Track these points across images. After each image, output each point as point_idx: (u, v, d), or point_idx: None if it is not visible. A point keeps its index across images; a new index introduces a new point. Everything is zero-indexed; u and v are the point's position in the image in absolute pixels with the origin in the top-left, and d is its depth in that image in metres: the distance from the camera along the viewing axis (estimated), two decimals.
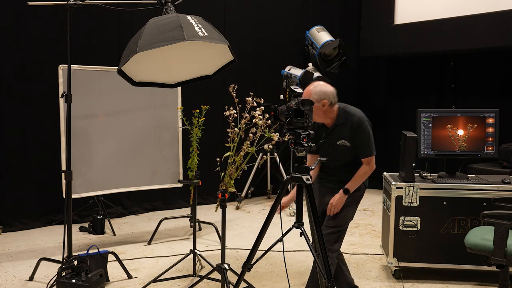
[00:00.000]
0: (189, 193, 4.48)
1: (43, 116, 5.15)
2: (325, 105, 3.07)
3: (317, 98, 3.04)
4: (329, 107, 3.10)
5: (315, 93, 3.07)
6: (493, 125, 3.81)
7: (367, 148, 3.09)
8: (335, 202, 3.10)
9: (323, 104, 3.07)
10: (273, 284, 3.71)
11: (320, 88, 3.08)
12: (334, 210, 3.11)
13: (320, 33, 6.59)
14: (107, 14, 5.25)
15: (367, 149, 3.09)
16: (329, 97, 3.08)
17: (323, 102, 3.06)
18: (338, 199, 3.10)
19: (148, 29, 2.85)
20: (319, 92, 3.07)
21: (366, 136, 3.08)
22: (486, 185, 3.64)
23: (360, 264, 4.14)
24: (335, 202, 3.10)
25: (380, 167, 7.56)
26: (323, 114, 3.11)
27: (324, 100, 3.06)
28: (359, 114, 3.12)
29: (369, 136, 3.09)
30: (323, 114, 3.11)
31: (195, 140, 4.21)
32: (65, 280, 3.32)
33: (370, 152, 3.10)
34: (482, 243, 2.99)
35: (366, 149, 3.09)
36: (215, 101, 5.65)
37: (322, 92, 3.07)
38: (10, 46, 5.03)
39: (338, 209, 3.10)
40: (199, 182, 4.08)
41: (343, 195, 3.10)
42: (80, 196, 4.46)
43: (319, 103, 3.04)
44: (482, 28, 5.89)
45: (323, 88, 3.09)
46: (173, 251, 4.48)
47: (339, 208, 3.10)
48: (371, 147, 3.10)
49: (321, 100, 3.06)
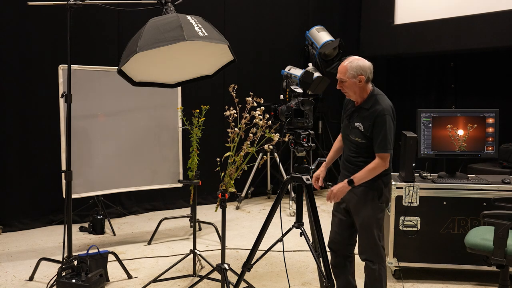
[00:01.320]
0: (189, 193, 4.48)
1: (43, 116, 5.15)
2: (362, 81, 2.89)
3: (353, 73, 2.87)
4: (365, 84, 2.91)
5: (352, 68, 2.88)
6: (493, 125, 3.81)
7: (382, 143, 2.83)
8: (335, 190, 2.91)
9: (359, 80, 2.88)
10: (273, 284, 3.71)
11: (357, 63, 2.89)
12: (333, 198, 2.93)
13: (320, 33, 6.59)
14: (107, 14, 5.24)
15: (382, 143, 2.83)
16: (366, 72, 2.90)
17: (360, 78, 2.88)
18: (339, 188, 2.89)
19: (148, 29, 2.85)
20: (356, 67, 2.88)
21: (384, 130, 2.83)
22: (486, 185, 3.64)
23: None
24: (336, 190, 2.91)
25: None
26: (359, 90, 2.92)
27: (360, 76, 2.88)
28: (386, 106, 2.89)
29: (386, 130, 2.83)
30: (359, 91, 2.92)
31: (195, 140, 4.21)
32: (65, 280, 3.32)
33: (384, 147, 2.83)
34: (482, 243, 2.99)
35: (381, 143, 2.83)
36: (215, 101, 5.66)
37: (359, 67, 2.88)
38: (10, 46, 5.03)
39: (338, 198, 2.92)
40: (199, 182, 4.08)
41: (346, 185, 2.87)
42: (80, 196, 4.46)
43: (356, 79, 2.88)
44: (482, 28, 5.89)
45: (360, 62, 2.91)
46: (173, 251, 4.48)
47: (338, 197, 2.91)
48: (388, 143, 2.84)
49: (358, 76, 2.88)
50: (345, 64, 2.91)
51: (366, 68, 2.89)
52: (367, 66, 2.90)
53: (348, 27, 7.44)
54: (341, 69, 2.92)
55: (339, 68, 2.94)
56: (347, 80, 2.89)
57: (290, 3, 7.04)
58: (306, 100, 2.72)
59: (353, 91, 2.91)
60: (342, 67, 2.91)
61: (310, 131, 2.74)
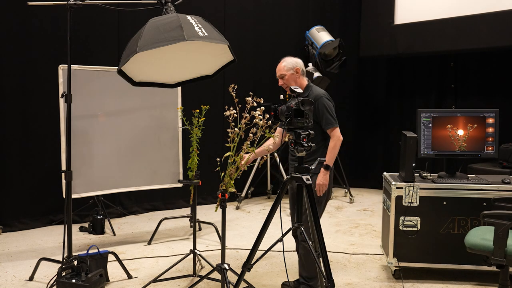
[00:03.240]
0: (189, 193, 4.48)
1: (43, 116, 5.15)
2: (298, 72, 3.40)
3: (290, 67, 3.38)
4: (301, 75, 3.42)
5: (288, 63, 3.39)
6: (493, 125, 3.80)
7: (328, 120, 3.29)
8: (322, 181, 3.26)
9: (296, 71, 3.39)
10: (273, 284, 3.71)
11: (291, 59, 3.41)
12: (322, 188, 3.28)
13: (320, 33, 6.59)
14: (107, 14, 5.24)
15: (328, 120, 3.29)
16: (300, 65, 3.41)
17: (296, 69, 3.39)
18: (323, 177, 3.27)
19: (148, 29, 2.85)
20: (291, 62, 3.39)
21: (325, 109, 3.29)
22: (486, 185, 3.64)
23: (360, 264, 4.14)
24: (321, 181, 3.26)
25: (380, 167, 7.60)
26: (298, 81, 3.39)
27: (297, 68, 3.39)
28: (320, 91, 3.39)
29: (327, 109, 3.30)
30: (299, 82, 3.39)
31: (195, 140, 4.21)
32: (65, 280, 3.32)
33: (331, 123, 3.30)
34: (482, 243, 2.99)
35: (327, 121, 3.29)
36: (215, 101, 5.67)
37: (294, 62, 3.40)
38: (10, 46, 5.03)
39: (326, 187, 3.29)
40: (199, 182, 4.08)
41: (325, 172, 3.27)
42: (80, 196, 4.46)
43: (293, 71, 3.38)
44: (482, 28, 5.89)
45: (293, 58, 3.42)
46: (173, 251, 4.48)
47: (326, 185, 3.29)
48: (332, 118, 3.31)
49: (295, 68, 3.39)
50: (282, 64, 3.42)
51: (299, 62, 3.43)
52: (300, 61, 3.44)
53: (348, 27, 7.44)
54: (280, 68, 3.42)
55: (277, 68, 3.44)
56: (286, 73, 3.40)
57: (290, 3, 7.04)
58: (306, 100, 2.71)
59: (293, 81, 3.39)
60: (280, 67, 3.42)
61: (310, 131, 2.74)
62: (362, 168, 7.57)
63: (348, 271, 3.97)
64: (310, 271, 3.34)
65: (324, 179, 3.27)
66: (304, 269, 3.37)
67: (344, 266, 4.10)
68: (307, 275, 3.36)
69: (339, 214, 5.94)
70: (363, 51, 7.25)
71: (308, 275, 3.36)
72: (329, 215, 5.85)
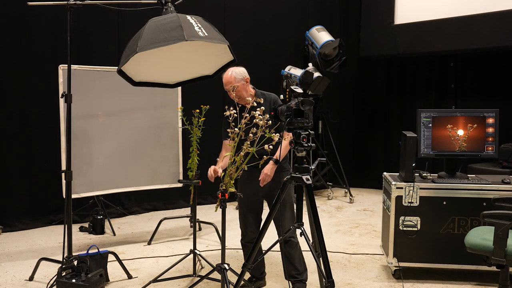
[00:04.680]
0: (189, 193, 4.48)
1: (43, 116, 5.15)
2: (247, 81, 3.35)
3: (240, 78, 3.30)
4: (249, 84, 3.37)
5: (237, 74, 3.29)
6: (493, 125, 3.80)
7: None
8: (269, 172, 3.21)
9: (246, 81, 3.34)
10: (273, 284, 3.71)
11: (238, 70, 3.31)
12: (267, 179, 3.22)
13: (320, 33, 6.59)
14: (107, 14, 5.24)
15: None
16: (246, 74, 3.36)
17: (246, 79, 3.34)
18: (270, 168, 3.22)
19: (148, 29, 2.85)
20: (239, 72, 3.31)
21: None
22: (486, 185, 3.64)
23: (360, 264, 4.14)
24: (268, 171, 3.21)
25: (380, 167, 7.58)
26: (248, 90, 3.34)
27: (246, 77, 3.34)
28: (270, 93, 3.43)
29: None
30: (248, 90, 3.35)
31: (195, 140, 4.22)
32: (65, 280, 3.32)
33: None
34: (482, 243, 2.99)
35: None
36: (215, 101, 5.65)
37: (241, 72, 3.32)
38: (10, 46, 5.03)
39: (270, 178, 3.22)
40: (199, 182, 4.08)
41: (273, 165, 3.22)
42: (80, 196, 4.46)
43: (244, 81, 3.32)
44: (482, 28, 5.89)
45: (240, 68, 3.34)
46: (173, 251, 4.48)
47: (271, 176, 3.22)
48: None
49: (244, 77, 3.33)
50: (229, 74, 3.30)
51: (245, 71, 3.36)
52: (245, 69, 3.38)
53: (348, 27, 7.44)
54: (230, 80, 3.28)
55: (226, 81, 3.30)
56: (238, 85, 3.28)
57: (290, 3, 7.05)
58: (306, 100, 2.71)
59: (245, 91, 3.32)
60: (229, 78, 3.29)
61: (310, 131, 2.73)
62: (362, 168, 7.57)
63: (348, 271, 3.97)
64: (299, 265, 3.38)
65: (272, 171, 3.22)
66: (294, 266, 3.38)
67: (344, 266, 4.10)
68: (296, 272, 3.38)
69: (339, 214, 5.94)
70: (363, 51, 7.25)
71: (298, 271, 3.38)
72: (329, 215, 5.85)
